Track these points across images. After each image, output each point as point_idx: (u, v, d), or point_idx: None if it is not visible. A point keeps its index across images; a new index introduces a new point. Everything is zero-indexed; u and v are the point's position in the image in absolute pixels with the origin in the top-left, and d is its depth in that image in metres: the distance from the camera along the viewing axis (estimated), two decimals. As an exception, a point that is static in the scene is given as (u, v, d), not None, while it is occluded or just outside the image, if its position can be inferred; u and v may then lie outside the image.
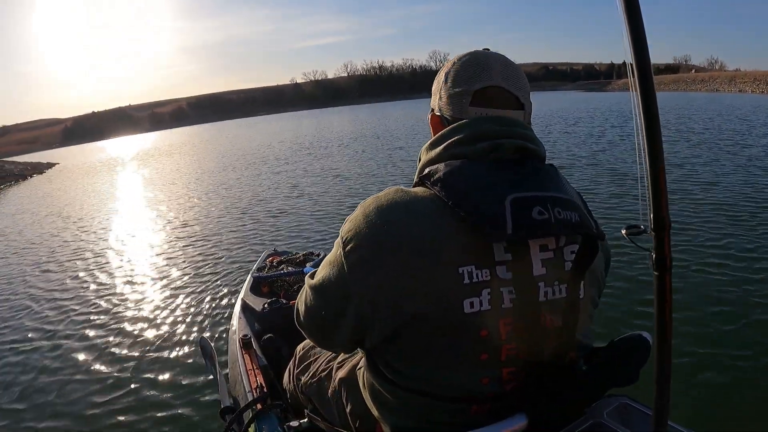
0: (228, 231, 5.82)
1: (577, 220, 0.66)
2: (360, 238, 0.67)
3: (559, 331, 0.69)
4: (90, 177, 16.93)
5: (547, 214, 0.63)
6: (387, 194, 0.70)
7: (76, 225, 7.52)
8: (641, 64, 0.50)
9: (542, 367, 0.69)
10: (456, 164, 0.68)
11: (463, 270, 0.64)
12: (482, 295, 0.64)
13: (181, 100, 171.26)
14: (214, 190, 9.29)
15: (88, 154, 40.81)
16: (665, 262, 0.57)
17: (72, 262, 5.32)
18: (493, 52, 0.78)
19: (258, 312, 1.87)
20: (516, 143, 0.69)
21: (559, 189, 0.68)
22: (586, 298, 0.71)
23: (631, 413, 0.74)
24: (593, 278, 0.73)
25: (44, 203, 10.98)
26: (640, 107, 0.51)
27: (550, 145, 9.25)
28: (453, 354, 0.66)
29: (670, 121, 12.62)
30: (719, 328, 2.42)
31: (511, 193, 0.64)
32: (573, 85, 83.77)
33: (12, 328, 3.66)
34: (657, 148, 0.51)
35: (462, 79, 0.75)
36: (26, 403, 2.57)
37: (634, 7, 0.51)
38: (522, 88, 0.76)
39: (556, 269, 0.68)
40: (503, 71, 0.75)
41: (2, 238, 7.30)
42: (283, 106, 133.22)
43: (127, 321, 3.46)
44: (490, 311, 0.65)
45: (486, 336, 0.65)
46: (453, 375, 0.68)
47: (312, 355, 1.16)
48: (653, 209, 0.55)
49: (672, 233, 0.57)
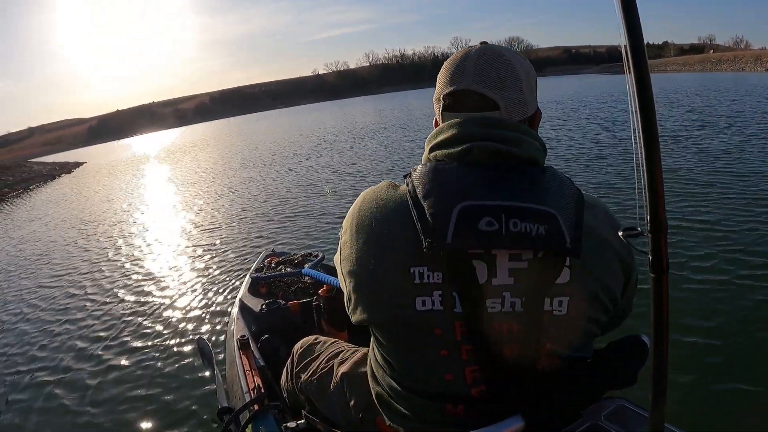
0: (227, 231, 5.83)
1: (540, 234, 0.62)
2: (346, 227, 0.76)
3: (521, 341, 0.67)
4: (111, 176, 17.17)
5: (497, 226, 0.62)
6: (375, 188, 0.76)
7: (81, 227, 7.53)
8: (638, 63, 0.49)
9: (510, 373, 0.68)
10: (428, 166, 0.69)
11: (414, 270, 0.66)
12: (433, 296, 0.67)
13: (204, 96, 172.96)
14: (218, 190, 9.28)
15: (114, 152, 41.42)
16: (662, 264, 0.57)
17: (74, 262, 5.32)
18: (481, 47, 0.75)
19: (256, 312, 1.87)
20: (490, 146, 0.67)
21: (532, 198, 0.64)
22: (571, 314, 0.67)
23: (628, 415, 0.74)
24: (587, 293, 0.69)
25: (63, 204, 11.06)
26: (637, 109, 0.50)
27: (549, 141, 9.19)
28: (415, 348, 0.71)
29: (690, 104, 12.37)
30: (716, 330, 2.42)
31: (462, 201, 0.63)
32: (597, 68, 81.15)
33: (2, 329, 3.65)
34: (654, 149, 0.51)
35: (440, 83, 0.76)
36: (25, 402, 2.56)
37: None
38: (502, 85, 0.71)
39: (527, 280, 0.66)
40: (476, 72, 0.71)
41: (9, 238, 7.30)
42: (305, 98, 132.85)
43: (125, 320, 3.46)
44: (442, 312, 0.67)
45: (440, 334, 0.68)
46: (421, 368, 0.71)
47: (312, 353, 1.16)
48: (650, 211, 0.55)
49: (669, 234, 0.57)
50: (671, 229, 0.61)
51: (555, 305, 0.67)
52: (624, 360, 0.73)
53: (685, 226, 3.84)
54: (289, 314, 1.84)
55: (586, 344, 0.74)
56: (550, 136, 9.77)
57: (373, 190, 0.75)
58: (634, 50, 0.48)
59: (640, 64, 0.49)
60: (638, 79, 0.49)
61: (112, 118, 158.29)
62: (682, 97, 14.68)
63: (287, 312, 1.85)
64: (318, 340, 1.19)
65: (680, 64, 48.65)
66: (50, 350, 3.17)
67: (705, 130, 8.41)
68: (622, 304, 0.76)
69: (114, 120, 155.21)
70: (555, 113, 14.18)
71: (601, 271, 0.70)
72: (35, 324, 3.71)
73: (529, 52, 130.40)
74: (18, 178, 19.92)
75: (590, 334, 0.73)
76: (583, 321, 0.70)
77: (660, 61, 59.85)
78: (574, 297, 0.68)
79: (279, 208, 6.67)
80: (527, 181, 0.66)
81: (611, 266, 0.71)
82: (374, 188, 0.76)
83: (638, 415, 0.73)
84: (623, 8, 0.49)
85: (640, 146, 0.51)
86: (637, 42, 0.49)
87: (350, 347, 1.09)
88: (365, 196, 0.76)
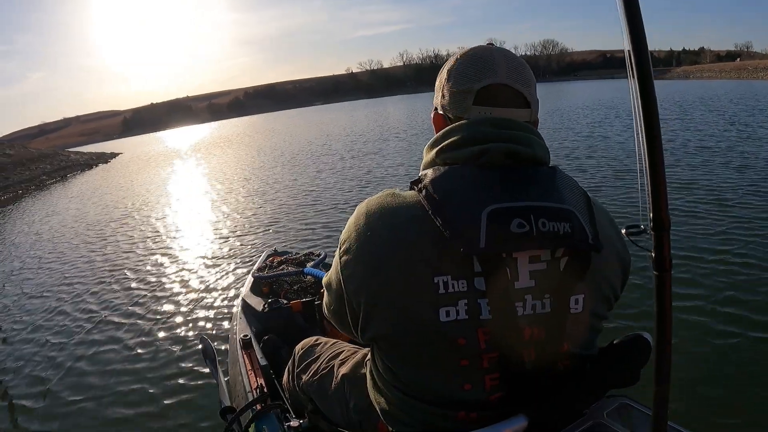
0: (231, 229, 5.84)
1: (566, 232, 0.62)
2: (349, 244, 0.70)
3: (543, 344, 0.67)
4: (141, 169, 17.43)
5: (528, 227, 0.61)
6: (377, 199, 0.72)
7: (85, 224, 7.54)
8: (641, 65, 0.49)
9: (527, 377, 0.67)
10: (442, 170, 0.67)
11: (438, 279, 0.64)
12: (458, 305, 0.64)
13: (239, 91, 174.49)
14: (229, 188, 9.30)
15: (148, 144, 42.23)
16: (665, 262, 0.57)
17: (77, 258, 5.33)
18: (497, 47, 0.75)
19: (258, 312, 1.87)
20: (506, 147, 0.66)
21: (552, 197, 0.64)
22: (584, 312, 0.68)
23: (631, 413, 0.74)
24: (597, 290, 0.70)
25: (89, 193, 11.27)
26: (639, 106, 0.50)
27: (557, 141, 9.19)
28: (433, 359, 0.67)
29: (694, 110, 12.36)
30: (720, 328, 2.41)
31: (490, 205, 0.62)
32: None
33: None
34: (656, 147, 0.51)
35: (465, 76, 0.73)
36: (24, 402, 2.57)
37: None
38: (528, 84, 0.72)
39: (547, 281, 0.65)
40: (508, 67, 0.71)
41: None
42: (338, 96, 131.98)
43: (128, 319, 3.47)
44: (468, 320, 0.64)
45: (464, 344, 0.65)
46: (436, 379, 0.69)
47: (313, 354, 1.16)
48: (653, 209, 0.55)
49: (672, 232, 0.57)
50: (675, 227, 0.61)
51: (572, 303, 0.67)
52: (627, 358, 0.73)
53: (689, 225, 3.84)
54: (291, 314, 1.84)
55: (593, 341, 0.74)
56: (557, 136, 9.77)
57: (376, 201, 0.71)
58: (637, 52, 0.48)
59: (642, 66, 0.49)
60: (641, 80, 0.49)
61: (146, 111, 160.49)
62: (722, 105, 14.35)
63: (289, 311, 1.85)
64: (319, 341, 1.19)
65: (716, 71, 48.74)
66: (49, 349, 3.17)
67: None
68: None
69: (148, 113, 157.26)
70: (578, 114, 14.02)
71: (606, 268, 0.70)
72: (33, 317, 3.72)
73: (563, 55, 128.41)
74: (56, 166, 20.53)
75: (597, 330, 0.74)
76: (593, 317, 0.71)
77: (696, 67, 60.02)
78: (587, 294, 0.68)
79: (282, 207, 6.68)
80: (542, 180, 0.66)
81: (614, 263, 0.72)
82: (376, 198, 0.72)
83: (641, 413, 0.73)
84: (626, 12, 0.49)
85: (642, 146, 0.51)
86: (640, 44, 0.49)
87: (351, 348, 1.09)
88: (368, 207, 0.71)
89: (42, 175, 17.93)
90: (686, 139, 8.29)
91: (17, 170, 18.00)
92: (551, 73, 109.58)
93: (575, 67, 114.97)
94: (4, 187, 15.28)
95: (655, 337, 0.59)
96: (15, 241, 7.15)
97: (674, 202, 4.48)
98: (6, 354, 3.23)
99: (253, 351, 1.57)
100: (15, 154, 21.04)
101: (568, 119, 14.30)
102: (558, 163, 7.19)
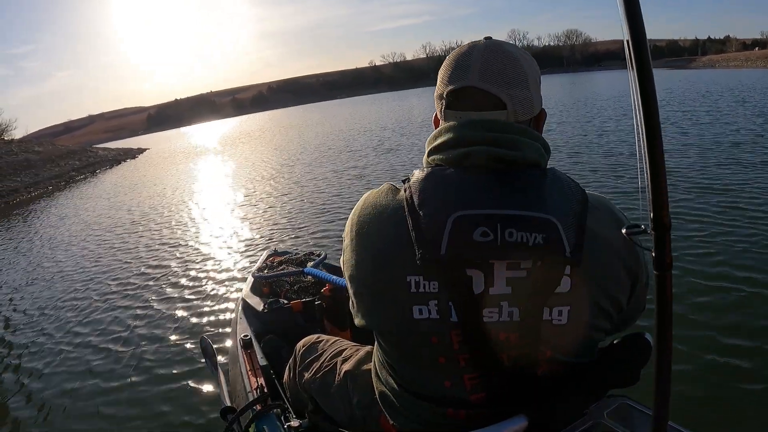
0: (231, 229, 5.84)
1: (537, 243, 0.61)
2: (347, 231, 0.75)
3: (519, 350, 0.66)
4: (163, 165, 17.72)
5: (492, 236, 0.61)
6: (374, 192, 0.74)
7: (91, 221, 7.55)
8: (640, 59, 0.49)
9: (508, 380, 0.67)
10: (425, 172, 0.68)
11: (410, 279, 0.65)
12: (429, 305, 0.66)
13: (262, 86, 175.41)
14: (235, 186, 9.34)
15: (173, 140, 42.98)
16: (665, 262, 0.56)
17: (78, 255, 5.34)
18: (486, 43, 0.72)
19: (258, 312, 1.87)
20: (488, 151, 0.65)
21: (531, 205, 0.62)
22: (572, 324, 0.66)
23: (631, 414, 0.74)
24: (593, 303, 0.67)
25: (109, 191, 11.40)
26: (639, 104, 0.50)
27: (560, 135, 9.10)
28: (414, 354, 0.70)
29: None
30: (720, 328, 2.41)
31: (459, 210, 0.62)
32: (656, 62, 79.61)
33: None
34: (657, 145, 0.50)
35: (442, 80, 0.73)
36: (24, 401, 2.57)
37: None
38: (509, 83, 0.69)
39: (524, 289, 0.64)
40: (482, 68, 0.69)
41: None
42: (361, 89, 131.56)
43: (128, 319, 3.47)
44: (439, 320, 0.65)
45: (437, 343, 0.67)
46: (421, 374, 0.71)
47: (315, 351, 1.16)
48: (653, 208, 0.55)
49: (673, 232, 0.56)
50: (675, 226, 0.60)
51: (554, 314, 0.66)
52: (627, 358, 0.73)
53: (690, 224, 3.83)
54: (291, 313, 1.84)
55: (588, 350, 0.73)
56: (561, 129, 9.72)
57: (373, 194, 0.74)
58: (636, 44, 0.48)
59: (641, 59, 0.48)
60: (640, 73, 0.48)
61: (170, 107, 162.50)
62: (749, 95, 13.70)
63: (290, 311, 1.84)
64: (320, 339, 1.19)
65: (742, 59, 47.32)
66: (50, 346, 3.18)
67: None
68: (633, 304, 0.74)
69: (172, 109, 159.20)
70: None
71: (604, 279, 0.68)
72: (30, 317, 3.73)
73: (587, 45, 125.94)
74: (84, 162, 20.97)
75: (593, 341, 0.72)
76: (585, 329, 0.69)
77: (722, 56, 58.42)
78: (575, 306, 0.66)
79: (283, 207, 6.67)
80: (527, 186, 0.64)
81: (615, 272, 0.69)
82: (375, 192, 0.74)
83: (641, 414, 0.73)
84: (626, 7, 0.48)
85: (642, 143, 0.50)
86: (638, 35, 0.48)
87: (353, 345, 1.09)
88: (366, 199, 0.74)
89: (71, 171, 18.40)
90: (698, 132, 8.08)
91: (46, 166, 18.37)
92: (575, 63, 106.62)
93: (599, 57, 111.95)
94: (35, 183, 15.62)
95: (655, 337, 0.59)
96: (18, 247, 7.16)
97: (679, 201, 4.47)
98: (5, 345, 3.23)
99: (253, 351, 1.56)
100: (44, 151, 21.42)
101: (576, 112, 14.13)
102: (560, 158, 7.19)
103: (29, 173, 16.78)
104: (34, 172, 17.01)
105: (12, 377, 2.90)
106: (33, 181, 15.68)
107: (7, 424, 2.43)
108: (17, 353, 3.22)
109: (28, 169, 17.32)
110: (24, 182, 15.38)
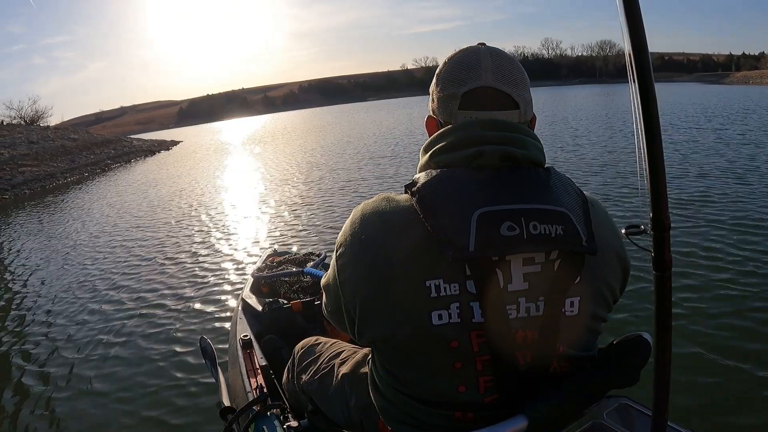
0: (232, 229, 5.85)
1: (559, 234, 0.62)
2: (345, 247, 0.71)
3: (537, 346, 0.67)
4: (193, 157, 18.09)
5: (518, 230, 0.61)
6: (372, 203, 0.72)
7: (90, 221, 7.53)
8: (640, 63, 0.49)
9: (521, 379, 0.67)
10: (434, 174, 0.67)
11: (430, 283, 0.64)
12: (451, 309, 0.64)
13: (293, 85, 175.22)
14: (243, 186, 9.32)
15: (204, 134, 43.36)
16: (665, 262, 0.57)
17: (79, 253, 5.33)
18: (487, 47, 0.74)
19: (258, 312, 1.87)
20: (501, 150, 0.66)
21: (546, 199, 0.64)
22: (581, 315, 0.68)
23: (630, 413, 0.74)
24: (596, 293, 0.69)
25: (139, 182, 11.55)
26: (639, 107, 0.50)
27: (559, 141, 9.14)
28: (427, 361, 0.68)
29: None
30: (719, 328, 2.41)
31: (480, 208, 0.62)
32: (690, 76, 78.13)
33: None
34: (657, 148, 0.51)
35: (450, 81, 0.73)
36: (23, 400, 2.57)
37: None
38: (517, 84, 0.72)
39: (541, 284, 0.65)
40: (494, 69, 0.71)
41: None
42: (392, 92, 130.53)
43: (127, 319, 3.46)
44: (460, 324, 0.65)
45: (457, 347, 0.66)
46: (431, 381, 0.69)
47: (313, 354, 1.16)
48: (653, 209, 0.55)
49: (672, 233, 0.57)
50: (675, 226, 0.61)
51: (567, 306, 0.67)
52: (627, 358, 0.73)
53: (689, 225, 3.84)
54: (291, 314, 1.84)
55: (592, 343, 0.74)
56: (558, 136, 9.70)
57: (370, 205, 0.71)
58: (637, 54, 0.48)
59: (642, 68, 0.49)
60: (641, 82, 0.49)
61: (202, 102, 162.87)
62: None
63: (289, 312, 1.85)
64: (319, 341, 1.19)
65: (758, 76, 46.74)
66: (48, 345, 3.17)
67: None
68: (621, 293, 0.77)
69: (204, 103, 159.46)
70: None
71: (605, 270, 0.70)
72: (33, 313, 3.72)
73: (620, 57, 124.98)
74: (119, 152, 21.48)
75: (596, 332, 0.73)
76: (590, 320, 0.70)
77: (756, 72, 57.18)
78: (584, 296, 0.68)
79: (284, 207, 6.67)
80: (538, 182, 0.66)
81: (613, 264, 0.72)
82: (370, 203, 0.72)
83: (641, 413, 0.73)
84: (626, 12, 0.48)
85: (642, 147, 0.51)
86: (640, 46, 0.49)
87: (351, 348, 1.09)
88: (363, 211, 0.71)
89: (107, 159, 18.78)
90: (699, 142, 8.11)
91: (83, 154, 18.78)
92: (607, 75, 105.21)
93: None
94: (71, 168, 15.96)
95: (655, 337, 0.59)
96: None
97: (677, 202, 4.48)
98: (5, 343, 3.23)
99: (253, 351, 1.57)
100: (79, 139, 21.99)
101: (585, 121, 14.10)
102: (563, 162, 7.20)
103: (65, 159, 17.13)
104: (70, 159, 17.37)
105: (11, 376, 2.89)
106: (69, 167, 15.99)
107: (6, 423, 2.43)
108: (16, 351, 3.22)
109: (65, 155, 17.67)
110: (60, 168, 15.66)
